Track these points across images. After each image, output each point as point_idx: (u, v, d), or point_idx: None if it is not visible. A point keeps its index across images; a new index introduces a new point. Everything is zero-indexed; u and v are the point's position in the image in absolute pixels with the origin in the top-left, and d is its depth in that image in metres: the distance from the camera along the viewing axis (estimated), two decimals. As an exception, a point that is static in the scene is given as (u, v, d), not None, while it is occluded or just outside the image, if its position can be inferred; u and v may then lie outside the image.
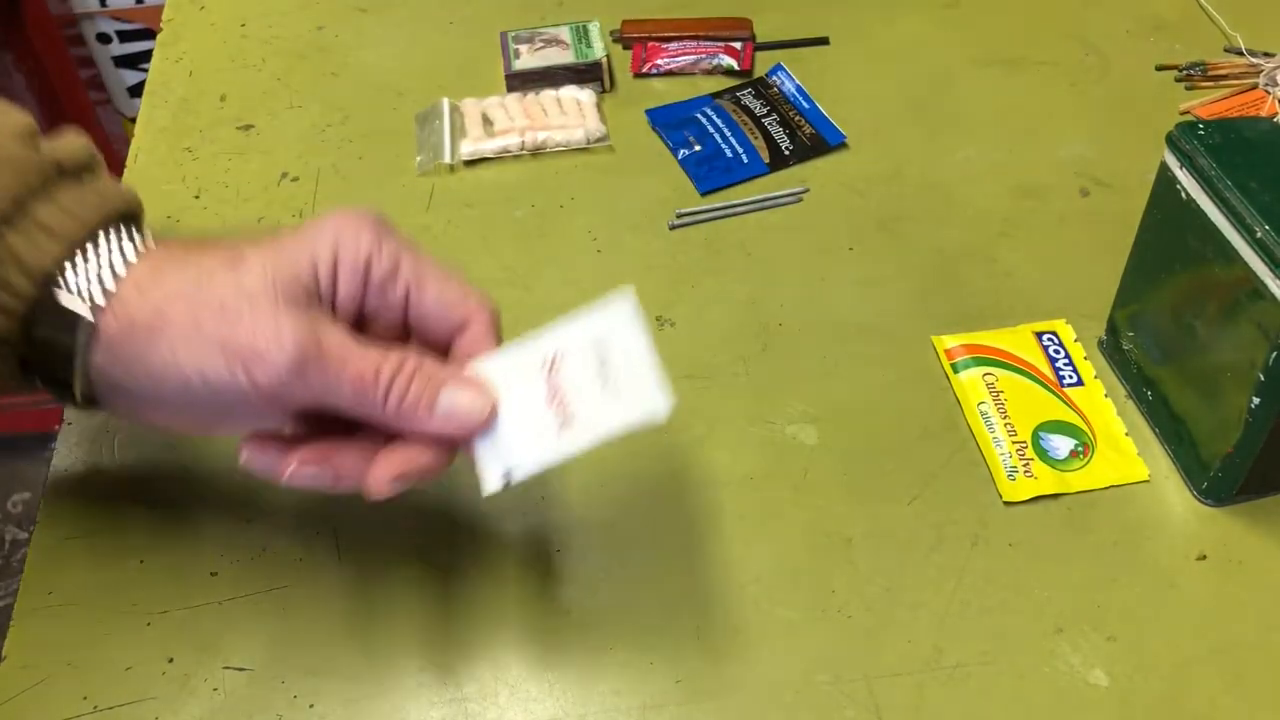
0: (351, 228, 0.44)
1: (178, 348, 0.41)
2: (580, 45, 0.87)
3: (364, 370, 0.42)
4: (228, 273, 0.42)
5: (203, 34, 0.92)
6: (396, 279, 0.45)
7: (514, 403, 0.46)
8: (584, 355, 0.46)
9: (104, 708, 0.52)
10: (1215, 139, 0.56)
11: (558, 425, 0.45)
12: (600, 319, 0.46)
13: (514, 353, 0.46)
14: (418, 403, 0.43)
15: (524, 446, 0.45)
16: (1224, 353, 0.56)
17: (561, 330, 0.47)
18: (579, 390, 0.45)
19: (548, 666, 0.54)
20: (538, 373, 0.46)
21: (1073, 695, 0.53)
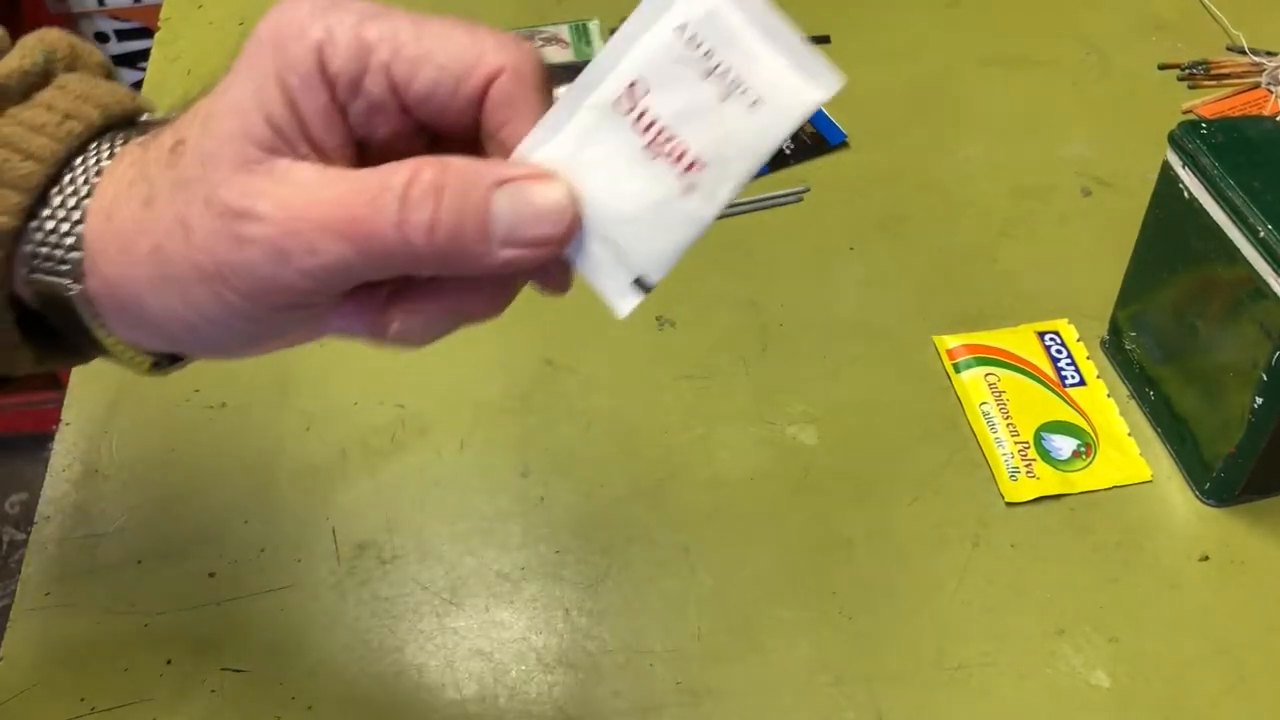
0: (290, 25, 0.30)
1: (159, 289, 0.32)
2: (580, 44, 0.87)
3: (352, 207, 0.29)
4: (169, 171, 0.32)
5: (201, 33, 0.92)
6: (372, 70, 0.30)
7: (602, 176, 0.32)
8: (678, 66, 0.31)
9: (102, 709, 0.52)
10: (1218, 138, 0.56)
11: (680, 181, 0.31)
12: (676, 3, 0.31)
13: (567, 107, 0.31)
14: (461, 227, 0.30)
15: (646, 234, 0.32)
16: (1226, 352, 0.56)
17: (623, 44, 0.31)
18: (690, 119, 0.31)
19: (547, 668, 0.54)
20: (614, 120, 0.31)
21: (1074, 696, 0.52)
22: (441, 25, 0.31)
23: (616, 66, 0.31)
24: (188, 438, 0.63)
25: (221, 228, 0.30)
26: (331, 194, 0.29)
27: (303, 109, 0.30)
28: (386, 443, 0.63)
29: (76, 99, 0.35)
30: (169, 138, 0.32)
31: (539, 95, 0.31)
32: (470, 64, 0.30)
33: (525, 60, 0.31)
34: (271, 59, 0.30)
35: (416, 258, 0.30)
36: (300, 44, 0.30)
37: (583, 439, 0.63)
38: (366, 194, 0.29)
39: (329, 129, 0.31)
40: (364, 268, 0.30)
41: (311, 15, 0.30)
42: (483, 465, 0.62)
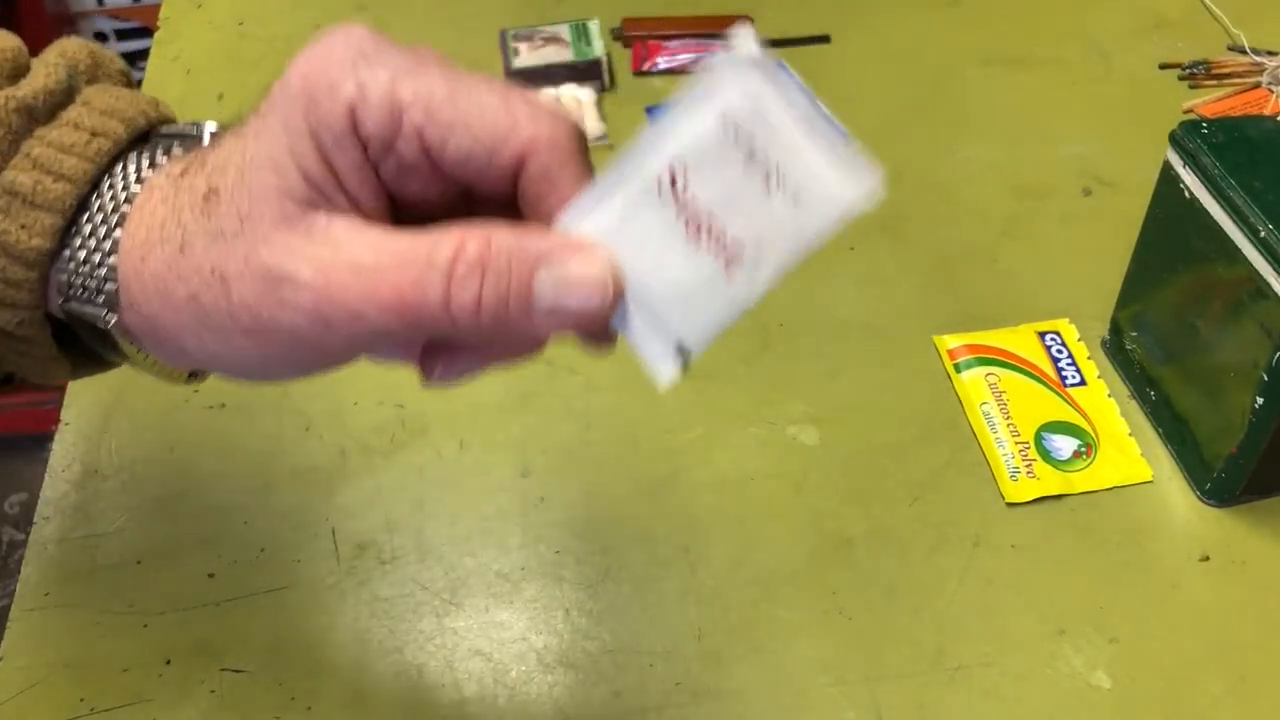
0: (320, 81, 0.30)
1: (198, 336, 0.32)
2: (580, 43, 0.87)
3: (399, 283, 0.29)
4: (204, 220, 0.31)
5: (200, 33, 0.92)
6: (403, 133, 0.30)
7: (644, 253, 0.32)
8: (717, 152, 0.31)
9: (101, 709, 0.52)
10: (1218, 138, 0.55)
11: (720, 263, 0.32)
12: (717, 93, 0.31)
13: (611, 182, 0.32)
14: (504, 303, 0.30)
15: (688, 309, 0.32)
16: (1227, 353, 0.56)
17: (667, 129, 0.31)
18: (732, 204, 0.31)
19: (547, 669, 0.54)
20: (657, 199, 0.32)
21: (1075, 697, 0.52)
22: (475, 88, 0.30)
23: (661, 147, 0.31)
24: (187, 438, 0.63)
25: (263, 290, 0.30)
26: (374, 261, 0.29)
27: (337, 165, 0.30)
28: (386, 443, 0.63)
29: (102, 115, 0.35)
30: (201, 181, 0.32)
31: (577, 166, 0.31)
32: (504, 134, 0.30)
33: (560, 131, 0.31)
34: (304, 113, 0.30)
35: (461, 331, 0.30)
36: (332, 101, 0.30)
37: (583, 439, 0.63)
38: (412, 268, 0.29)
39: (363, 184, 0.31)
40: (408, 335, 0.31)
41: (343, 68, 0.30)
42: (482, 465, 0.62)
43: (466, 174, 0.31)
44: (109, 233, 0.33)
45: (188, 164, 0.33)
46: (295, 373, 0.33)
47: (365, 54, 0.30)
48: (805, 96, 0.31)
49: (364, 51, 0.30)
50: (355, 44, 0.30)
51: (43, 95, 0.35)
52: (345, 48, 0.30)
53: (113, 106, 0.35)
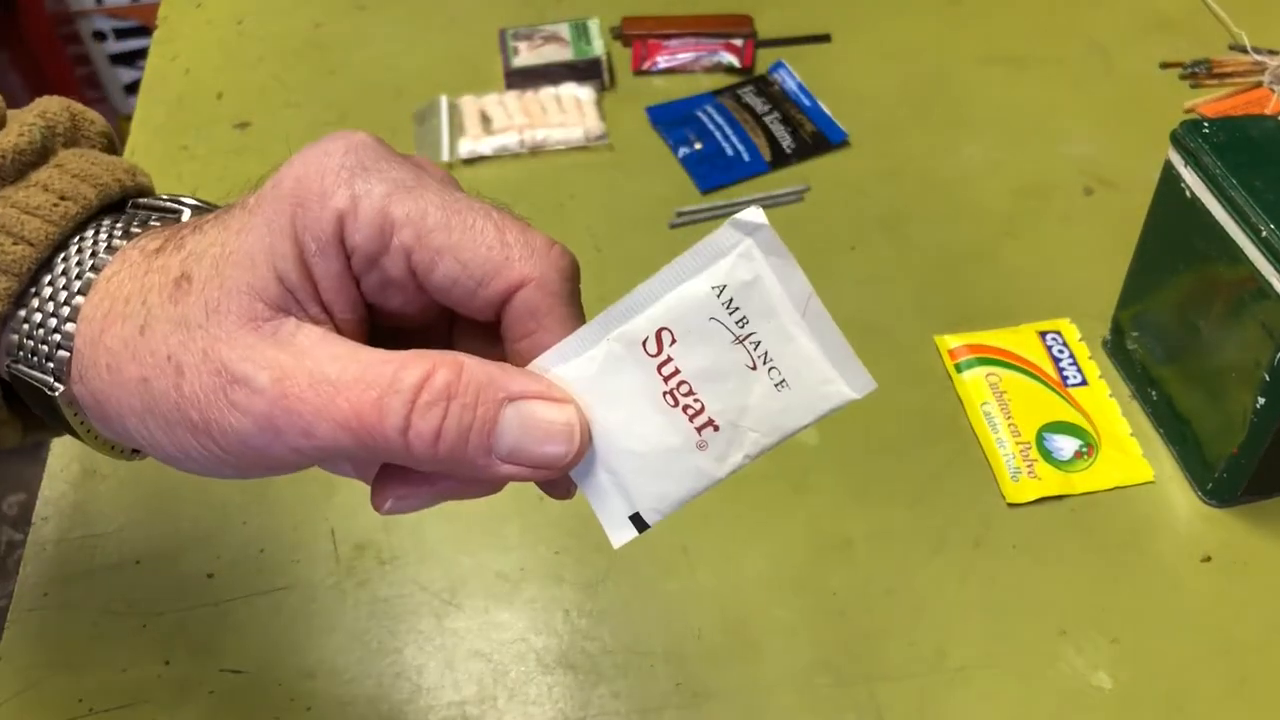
0: (313, 185, 0.29)
1: (142, 419, 0.31)
2: (580, 42, 0.87)
3: (358, 402, 0.28)
4: (170, 306, 0.30)
5: (199, 31, 0.92)
6: (391, 251, 0.30)
7: (617, 409, 0.31)
8: (710, 324, 0.30)
9: (100, 710, 0.52)
10: (1220, 137, 0.55)
11: (694, 436, 0.31)
12: (721, 261, 0.30)
13: (595, 333, 0.31)
14: (464, 438, 0.29)
15: (651, 476, 0.31)
16: (1229, 353, 0.56)
17: (660, 288, 0.30)
18: (717, 379, 0.30)
19: (546, 669, 0.53)
20: (639, 359, 0.30)
21: (1076, 697, 0.52)
22: (472, 214, 0.30)
23: (650, 308, 0.30)
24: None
25: (215, 386, 0.29)
26: (335, 375, 0.28)
27: (317, 272, 0.30)
28: (385, 443, 0.62)
29: (74, 179, 0.34)
30: (175, 264, 0.31)
31: (566, 308, 0.31)
32: (495, 268, 0.30)
33: (553, 272, 0.30)
34: (290, 215, 0.29)
35: (416, 461, 0.29)
36: (322, 208, 0.29)
37: (582, 439, 0.62)
38: (374, 389, 0.28)
39: (340, 294, 0.30)
40: (360, 456, 0.29)
41: (338, 177, 0.29)
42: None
43: (451, 299, 0.30)
44: (69, 298, 0.32)
45: (164, 241, 0.32)
46: (236, 474, 0.31)
47: (364, 165, 0.29)
48: (806, 284, 0.30)
49: (362, 163, 0.30)
50: (355, 153, 0.30)
51: (12, 154, 0.34)
52: (344, 155, 0.29)
53: (86, 171, 0.34)
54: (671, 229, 0.75)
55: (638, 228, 0.75)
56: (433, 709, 0.52)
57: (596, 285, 0.70)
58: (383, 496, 0.31)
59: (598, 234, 0.74)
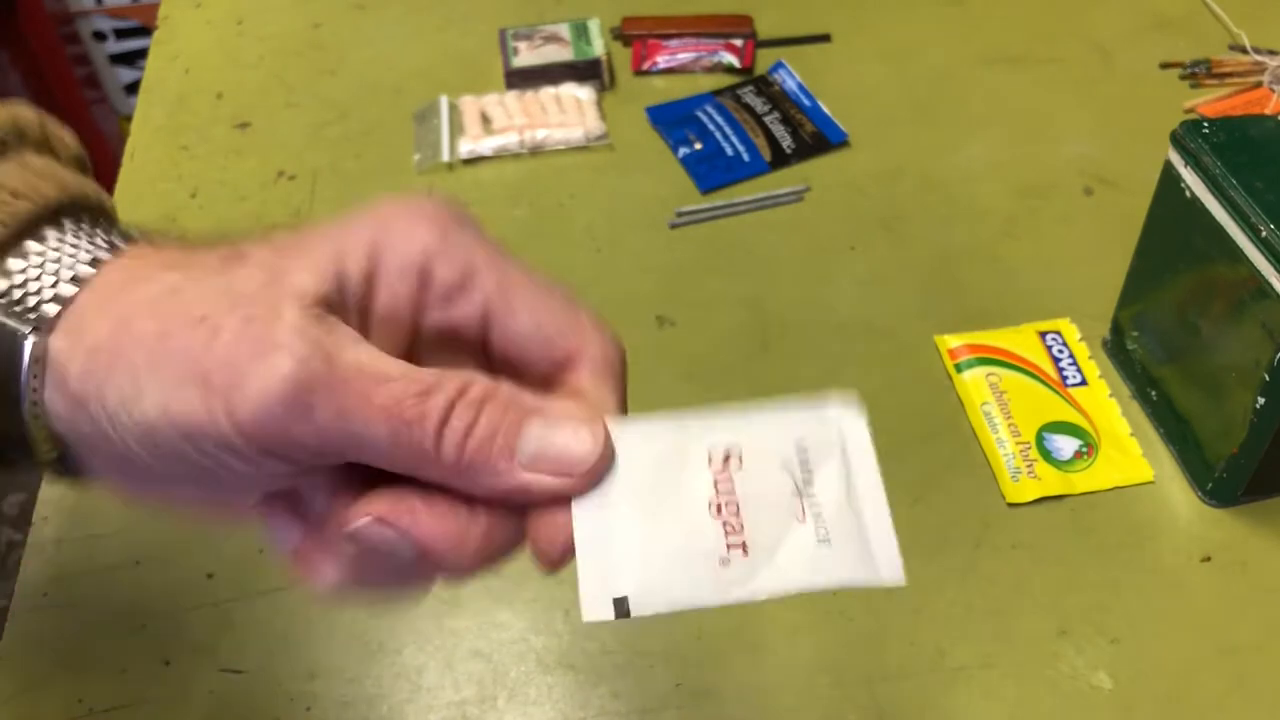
0: (404, 220, 0.30)
1: (140, 375, 0.29)
2: (580, 42, 0.87)
3: (403, 395, 0.28)
4: (216, 276, 0.30)
5: (199, 32, 0.92)
6: (470, 291, 0.31)
7: (660, 494, 0.31)
8: (778, 467, 0.31)
9: (99, 710, 0.52)
10: (1220, 137, 0.55)
11: (720, 553, 0.30)
12: (810, 420, 0.32)
13: (660, 423, 0.32)
14: (490, 443, 0.29)
15: (659, 568, 0.30)
16: (1229, 352, 0.56)
17: (746, 417, 0.32)
18: (765, 512, 0.31)
19: (546, 669, 0.53)
20: (699, 463, 0.31)
21: (1076, 698, 0.52)
22: (551, 287, 0.32)
23: (730, 428, 0.31)
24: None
25: (255, 350, 0.28)
26: (381, 370, 0.29)
27: (381, 289, 0.30)
28: (385, 443, 0.62)
29: (34, 177, 0.33)
30: (226, 250, 0.30)
31: (619, 383, 0.32)
32: (563, 334, 0.31)
33: (615, 351, 0.32)
34: (373, 234, 0.30)
35: (442, 461, 0.29)
36: (409, 238, 0.30)
37: (582, 439, 0.62)
38: (418, 385, 0.29)
39: (391, 318, 0.31)
40: (383, 451, 0.29)
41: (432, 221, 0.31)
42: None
43: (510, 353, 0.32)
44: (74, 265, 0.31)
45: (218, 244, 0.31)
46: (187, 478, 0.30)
47: (461, 220, 0.31)
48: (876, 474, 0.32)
49: (460, 219, 0.31)
50: (451, 210, 0.31)
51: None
52: (438, 208, 0.31)
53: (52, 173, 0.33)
54: (671, 229, 0.75)
55: (638, 228, 0.75)
56: (433, 709, 0.52)
57: (597, 285, 0.71)
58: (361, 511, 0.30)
59: (598, 234, 0.74)
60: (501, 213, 0.75)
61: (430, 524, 0.30)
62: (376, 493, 0.30)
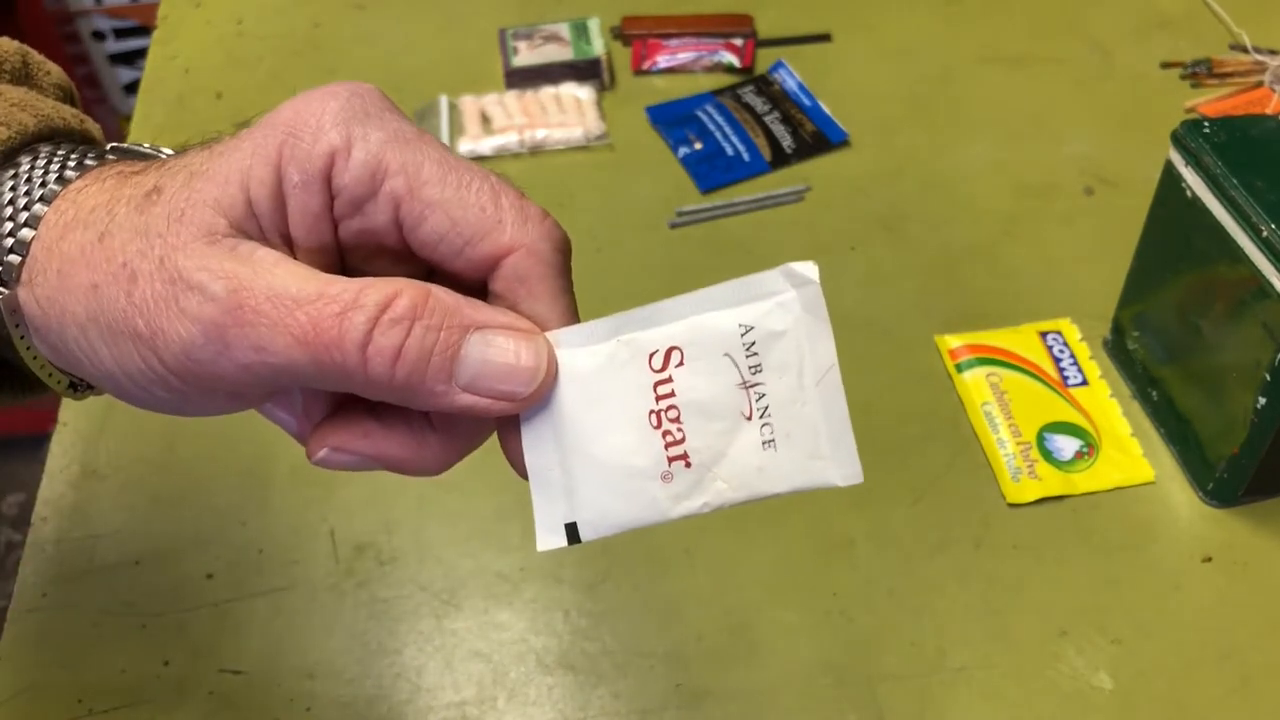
0: (309, 121, 0.28)
1: (86, 329, 0.29)
2: (580, 42, 0.87)
3: (319, 315, 0.27)
4: (136, 215, 0.29)
5: (198, 31, 0.92)
6: (377, 193, 0.29)
7: (599, 411, 0.29)
8: (724, 359, 0.29)
9: (99, 710, 0.52)
10: (1220, 137, 0.55)
11: (663, 467, 0.29)
12: (759, 303, 0.29)
13: (606, 329, 0.30)
14: (425, 359, 0.28)
15: (604, 489, 0.29)
16: (1230, 353, 0.56)
17: (689, 307, 0.30)
18: (708, 416, 0.29)
19: (546, 670, 0.53)
20: (640, 369, 0.29)
21: (1077, 698, 0.52)
22: (469, 174, 0.29)
23: (671, 324, 0.29)
24: (185, 438, 0.63)
25: (166, 294, 0.28)
26: (296, 291, 0.27)
27: (291, 205, 0.29)
28: (385, 443, 0.62)
29: (12, 106, 0.33)
30: (151, 180, 0.30)
31: (557, 281, 0.30)
32: (486, 229, 0.29)
33: (546, 241, 0.30)
34: (279, 144, 0.29)
35: (372, 383, 0.28)
36: (314, 142, 0.28)
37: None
38: (336, 304, 0.27)
39: (312, 232, 0.29)
40: (311, 377, 0.28)
41: (337, 117, 0.29)
42: (482, 466, 0.61)
43: (434, 255, 0.30)
44: (29, 204, 0.31)
45: (147, 165, 0.31)
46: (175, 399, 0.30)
47: (367, 112, 0.29)
48: (832, 355, 0.29)
49: (366, 109, 0.29)
50: (360, 99, 0.29)
51: None
52: (348, 99, 0.29)
53: (27, 102, 0.33)
54: (671, 228, 0.75)
55: (638, 228, 0.75)
56: (432, 709, 0.52)
57: (596, 285, 0.70)
58: (319, 442, 0.30)
59: (598, 234, 0.74)
60: (501, 212, 0.75)
61: (386, 443, 0.30)
62: (333, 419, 0.30)
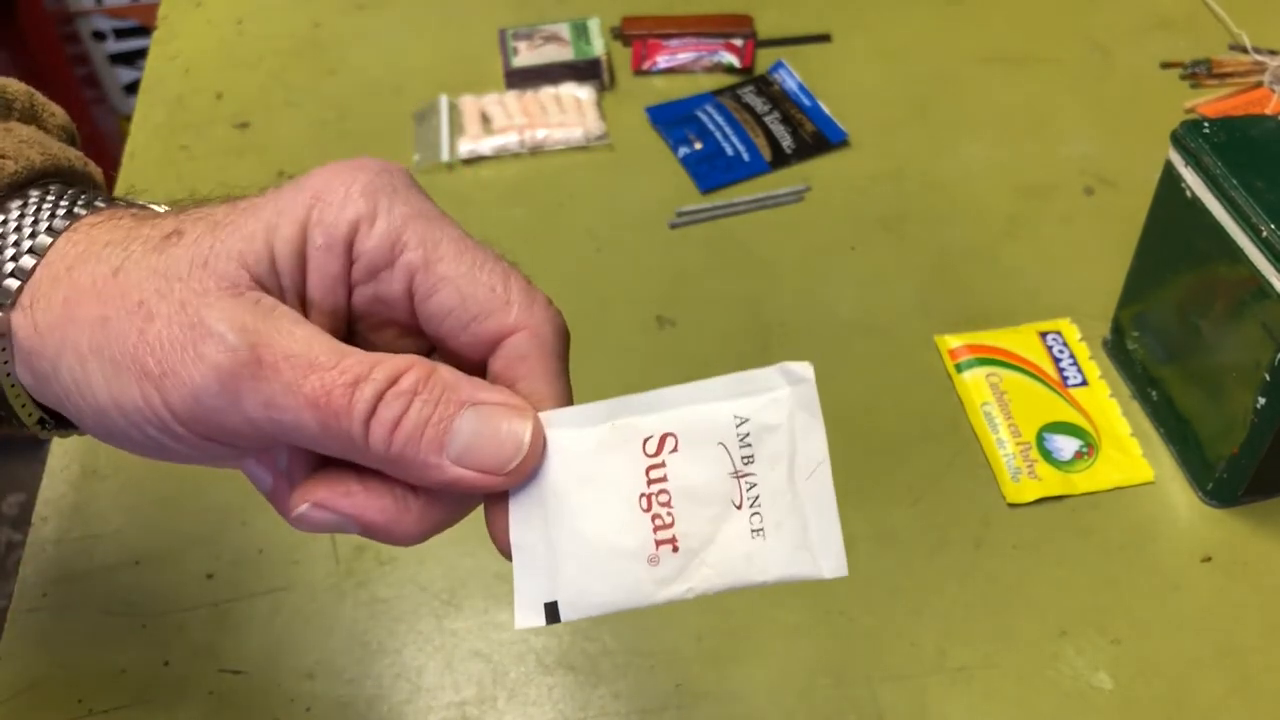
0: (338, 189, 0.30)
1: (86, 359, 0.29)
2: (580, 42, 0.87)
3: (332, 384, 0.28)
4: (154, 256, 0.29)
5: (199, 31, 0.92)
6: (394, 263, 0.30)
7: (589, 492, 0.30)
8: (717, 447, 0.30)
9: (99, 710, 0.52)
10: (1220, 137, 0.55)
11: (650, 551, 0.29)
12: (755, 397, 0.30)
13: (602, 413, 0.30)
14: (418, 437, 0.29)
15: (589, 570, 0.29)
16: (1229, 353, 0.56)
17: (685, 397, 0.30)
18: (699, 502, 0.29)
19: (546, 670, 0.53)
20: (633, 453, 0.30)
21: (1077, 698, 0.52)
22: (482, 255, 0.30)
23: (667, 411, 0.30)
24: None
25: (184, 338, 0.28)
26: (313, 356, 0.28)
27: (312, 266, 0.30)
28: (385, 443, 0.62)
29: (21, 143, 0.33)
30: (169, 225, 0.30)
31: (555, 365, 0.31)
32: (493, 309, 0.30)
33: (548, 326, 0.31)
34: (306, 207, 0.30)
35: (370, 453, 0.29)
36: (340, 210, 0.30)
37: (582, 439, 0.62)
38: (349, 374, 0.28)
39: (329, 295, 0.30)
40: (314, 439, 0.29)
41: (365, 189, 0.30)
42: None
43: (440, 329, 0.31)
44: (34, 234, 0.31)
45: (167, 210, 0.32)
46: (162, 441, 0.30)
47: (394, 188, 0.30)
48: (824, 451, 0.30)
49: (394, 186, 0.30)
50: (387, 176, 0.30)
51: None
52: (376, 174, 0.30)
53: (36, 140, 0.34)
54: (671, 229, 0.75)
55: (638, 228, 0.75)
56: (432, 709, 0.52)
57: (596, 285, 0.71)
58: (301, 497, 0.31)
59: (598, 234, 0.74)
60: (501, 213, 0.75)
61: (367, 505, 0.30)
62: (316, 476, 0.31)
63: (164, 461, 0.31)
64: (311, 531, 0.31)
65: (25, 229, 0.31)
